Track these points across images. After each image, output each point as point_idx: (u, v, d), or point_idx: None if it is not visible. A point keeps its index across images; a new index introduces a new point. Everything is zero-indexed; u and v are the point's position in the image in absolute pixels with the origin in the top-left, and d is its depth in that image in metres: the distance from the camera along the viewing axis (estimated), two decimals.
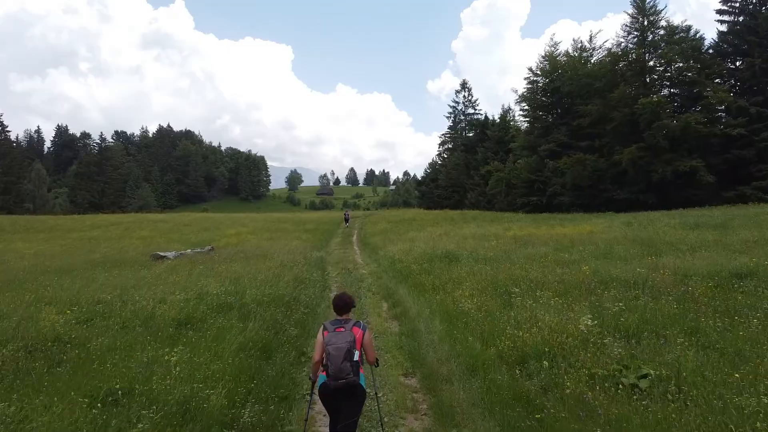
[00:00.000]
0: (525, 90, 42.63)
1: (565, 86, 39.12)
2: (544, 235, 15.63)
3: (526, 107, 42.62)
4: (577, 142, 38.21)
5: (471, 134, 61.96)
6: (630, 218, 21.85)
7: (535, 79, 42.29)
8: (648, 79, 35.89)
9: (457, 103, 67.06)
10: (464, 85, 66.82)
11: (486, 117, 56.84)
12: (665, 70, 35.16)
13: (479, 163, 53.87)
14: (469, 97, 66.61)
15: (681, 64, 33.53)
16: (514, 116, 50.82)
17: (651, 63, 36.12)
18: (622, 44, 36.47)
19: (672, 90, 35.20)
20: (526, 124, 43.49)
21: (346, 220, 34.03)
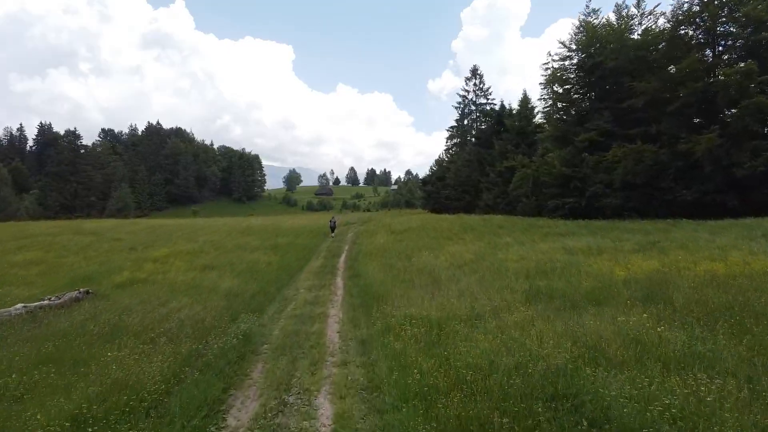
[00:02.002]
0: (555, 68, 35.01)
1: (609, 61, 31.53)
2: (688, 275, 8.12)
3: (557, 89, 35.01)
4: (624, 130, 30.72)
5: (484, 126, 54.44)
6: (757, 230, 14.33)
7: (568, 54, 34.66)
8: (720, 48, 28.32)
9: (467, 92, 59.64)
10: (475, 72, 59.36)
11: (502, 105, 49.33)
12: (741, 35, 27.51)
13: (495, 158, 46.43)
14: (481, 85, 59.24)
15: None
16: (536, 102, 43.16)
17: (720, 29, 28.60)
18: (685, 5, 28.85)
19: (752, 59, 27.53)
20: (556, 110, 35.87)
21: (332, 229, 26.73)
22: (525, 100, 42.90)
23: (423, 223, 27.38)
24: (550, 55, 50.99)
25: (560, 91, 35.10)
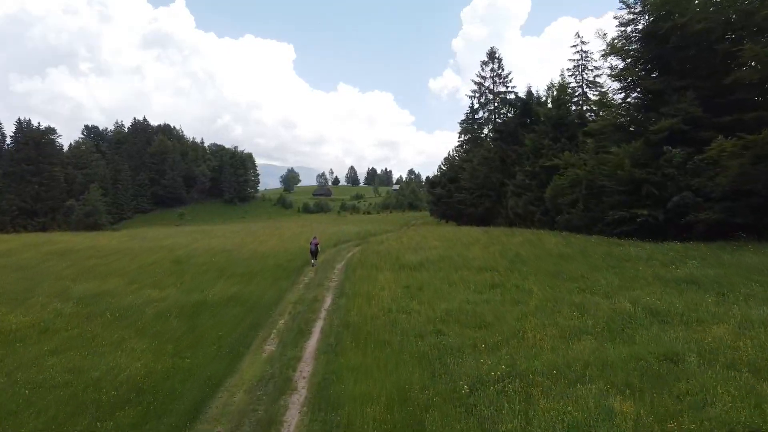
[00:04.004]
0: (615, 37, 26.62)
1: (695, 22, 23.04)
2: None
3: (618, 63, 26.59)
4: (714, 118, 22.44)
5: (506, 117, 45.93)
6: None
7: (630, 17, 26.17)
8: None
9: (484, 78, 51.10)
10: (492, 55, 50.84)
11: (530, 92, 40.80)
12: None
13: (524, 155, 38.01)
14: (500, 71, 50.68)
15: None
16: (584, 82, 34.92)
17: None
18: None
19: None
20: (614, 91, 27.36)
21: (314, 255, 18.49)
22: (562, 85, 34.40)
23: (445, 249, 18.91)
24: (579, 36, 43.28)
25: (620, 66, 26.63)
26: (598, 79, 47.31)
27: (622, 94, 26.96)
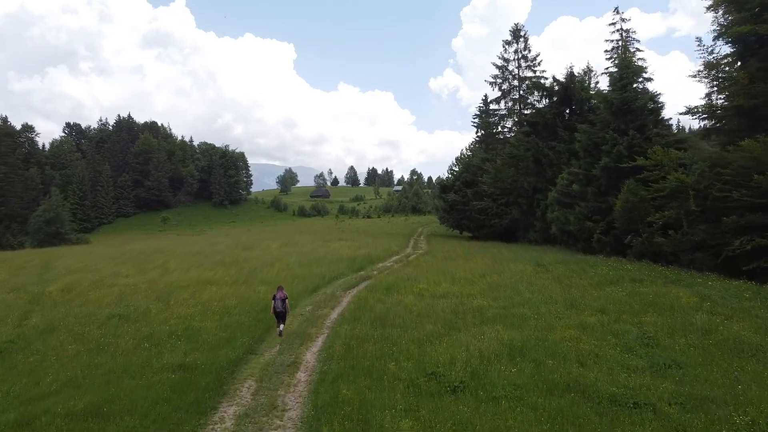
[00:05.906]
0: None
1: None
2: None
3: (722, 17, 18.21)
4: None
5: (530, 108, 37.36)
6: None
7: None
8: None
9: (507, 61, 42.68)
10: (517, 34, 42.38)
11: (571, 73, 32.25)
12: None
13: (564, 154, 29.75)
14: (526, 52, 42.24)
15: None
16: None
17: None
18: None
19: None
20: (726, 58, 18.84)
21: (280, 318, 10.22)
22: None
23: (506, 324, 10.48)
24: (618, 12, 36.75)
25: (728, 19, 18.10)
26: (642, 61, 39.01)
27: (738, 64, 18.41)
